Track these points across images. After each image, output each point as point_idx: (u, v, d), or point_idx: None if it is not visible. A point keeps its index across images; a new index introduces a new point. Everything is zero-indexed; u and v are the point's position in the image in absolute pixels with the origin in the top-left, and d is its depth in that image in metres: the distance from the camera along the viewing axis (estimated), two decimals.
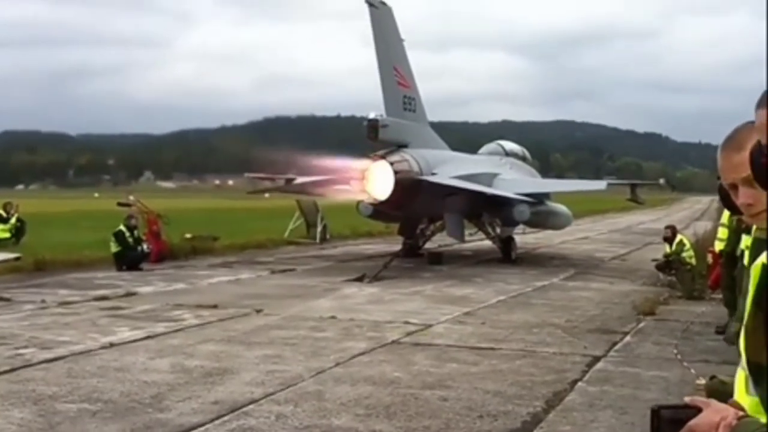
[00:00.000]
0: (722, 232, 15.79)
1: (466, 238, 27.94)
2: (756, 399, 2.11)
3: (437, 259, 25.88)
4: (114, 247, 22.61)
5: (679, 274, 19.59)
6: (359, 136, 23.82)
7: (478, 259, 27.24)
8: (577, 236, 37.75)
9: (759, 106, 1.93)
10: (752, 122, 2.48)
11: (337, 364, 10.96)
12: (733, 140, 2.51)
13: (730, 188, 2.59)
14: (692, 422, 1.91)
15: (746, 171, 2.39)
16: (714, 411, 1.91)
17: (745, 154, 2.41)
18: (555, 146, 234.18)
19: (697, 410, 1.94)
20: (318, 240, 32.70)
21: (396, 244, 27.71)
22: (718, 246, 15.42)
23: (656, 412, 2.00)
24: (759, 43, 1.93)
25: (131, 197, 27.19)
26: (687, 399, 1.99)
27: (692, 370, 10.51)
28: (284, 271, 22.82)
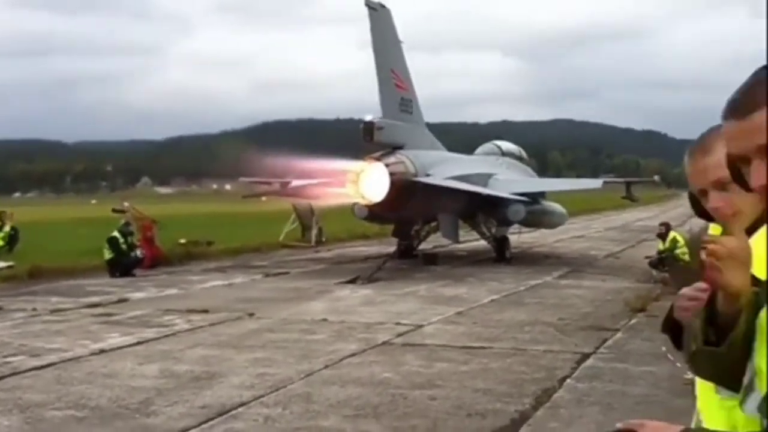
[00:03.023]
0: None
1: (461, 238, 27.93)
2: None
3: (432, 259, 25.86)
4: (107, 254, 22.56)
5: (672, 271, 19.57)
6: (358, 139, 23.81)
7: (472, 259, 27.22)
8: (572, 234, 37.72)
9: (727, 115, 1.92)
10: (719, 126, 2.45)
11: (327, 366, 10.95)
12: (701, 145, 2.50)
13: (700, 195, 2.56)
14: None
15: (715, 175, 2.39)
16: (651, 430, 1.88)
17: (713, 158, 2.40)
18: (554, 145, 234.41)
19: None
20: (313, 243, 32.68)
21: (391, 246, 27.71)
22: None
23: None
24: (755, 40, 1.90)
25: (126, 203, 27.19)
26: (619, 425, 1.94)
27: (678, 365, 10.49)
28: (278, 274, 22.79)
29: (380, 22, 24.70)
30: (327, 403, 9.11)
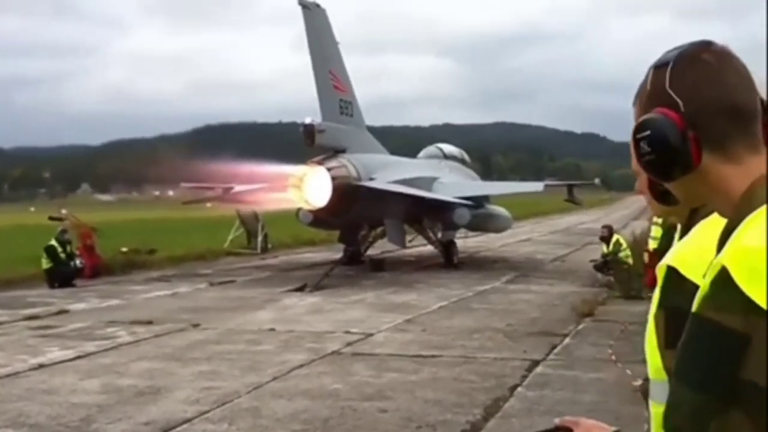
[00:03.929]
0: (655, 231, 16.00)
1: (408, 243, 27.86)
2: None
3: (379, 265, 25.72)
4: (45, 263, 21.96)
5: (616, 274, 19.78)
6: (301, 143, 23.56)
7: (420, 264, 27.19)
8: (518, 238, 38.01)
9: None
10: None
11: (275, 379, 10.75)
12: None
13: None
14: None
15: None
16: (585, 429, 1.87)
17: None
18: (496, 148, 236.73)
19: (569, 431, 1.88)
20: (259, 250, 32.30)
21: (339, 252, 27.54)
22: (652, 244, 15.61)
23: None
24: (682, 40, 1.88)
25: (63, 211, 26.52)
26: (556, 420, 1.93)
27: (628, 371, 10.53)
28: (223, 283, 22.43)
29: (315, 21, 24.49)
30: (275, 417, 8.92)
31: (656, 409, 2.27)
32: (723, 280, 1.53)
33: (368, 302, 18.29)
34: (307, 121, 23.20)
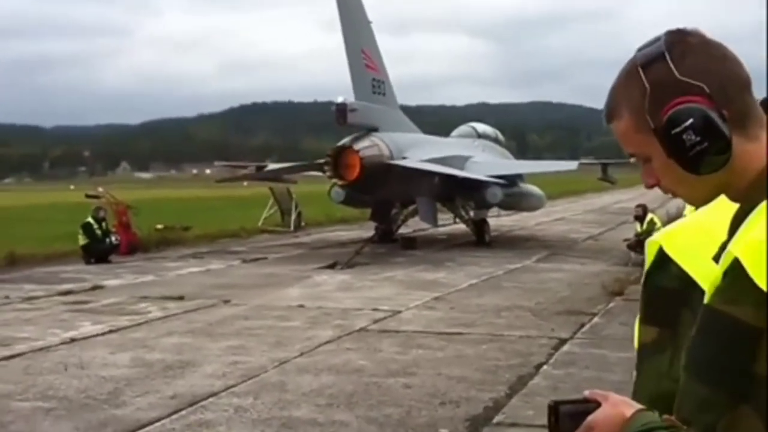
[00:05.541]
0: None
1: (441, 222, 27.81)
2: None
3: (411, 244, 25.70)
4: (82, 240, 22.27)
5: None
6: (335, 122, 23.60)
7: (452, 242, 27.13)
8: (552, 217, 37.74)
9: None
10: None
11: (302, 354, 10.83)
12: None
13: None
14: (591, 417, 1.80)
15: None
16: (612, 404, 1.80)
17: None
18: (532, 127, 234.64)
19: (597, 404, 1.82)
20: (292, 228, 32.44)
21: (371, 230, 27.58)
22: None
23: (554, 408, 1.87)
24: (712, 17, 1.76)
25: (100, 189, 26.88)
26: (586, 393, 1.87)
27: None
28: (256, 260, 22.58)
29: (347, 1, 24.43)
30: (300, 392, 8.99)
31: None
32: (735, 271, 1.49)
33: (398, 280, 18.32)
34: (339, 100, 23.21)
